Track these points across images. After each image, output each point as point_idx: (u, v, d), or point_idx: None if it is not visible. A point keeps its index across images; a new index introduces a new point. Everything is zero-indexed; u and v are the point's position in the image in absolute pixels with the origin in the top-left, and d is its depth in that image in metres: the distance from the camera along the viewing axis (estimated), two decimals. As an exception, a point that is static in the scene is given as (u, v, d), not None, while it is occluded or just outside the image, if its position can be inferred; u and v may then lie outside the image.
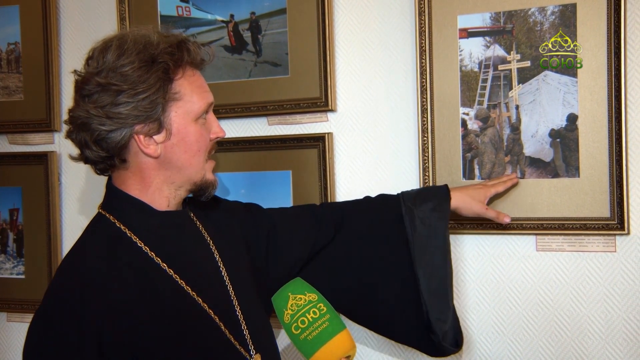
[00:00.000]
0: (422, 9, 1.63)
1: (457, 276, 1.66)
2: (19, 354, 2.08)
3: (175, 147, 1.15)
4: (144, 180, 1.17)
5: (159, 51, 1.11)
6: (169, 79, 1.13)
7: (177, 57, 1.14)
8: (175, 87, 1.14)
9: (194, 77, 1.18)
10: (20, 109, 2.03)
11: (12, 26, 2.04)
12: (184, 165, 1.17)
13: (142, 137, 1.13)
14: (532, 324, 1.61)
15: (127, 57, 1.10)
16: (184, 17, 1.86)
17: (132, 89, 1.09)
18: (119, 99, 1.09)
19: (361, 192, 1.74)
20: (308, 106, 1.74)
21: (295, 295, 1.25)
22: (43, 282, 2.01)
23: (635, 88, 1.51)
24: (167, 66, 1.12)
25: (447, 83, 1.63)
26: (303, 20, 1.74)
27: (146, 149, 1.14)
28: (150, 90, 1.09)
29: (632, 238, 1.52)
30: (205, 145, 1.20)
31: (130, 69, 1.09)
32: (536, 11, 1.56)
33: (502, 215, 1.50)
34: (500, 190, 1.53)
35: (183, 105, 1.14)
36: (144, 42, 1.12)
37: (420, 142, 1.65)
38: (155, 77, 1.10)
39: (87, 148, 1.16)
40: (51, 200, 2.00)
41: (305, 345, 1.21)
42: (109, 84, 1.09)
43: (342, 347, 1.21)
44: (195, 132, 1.17)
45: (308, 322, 1.21)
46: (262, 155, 1.81)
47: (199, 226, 1.31)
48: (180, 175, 1.18)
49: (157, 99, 1.10)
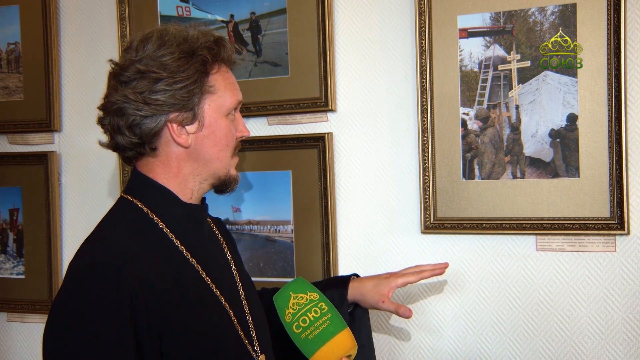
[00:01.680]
0: (422, 9, 1.63)
1: (457, 276, 1.66)
2: (19, 354, 2.08)
3: (206, 139, 1.18)
4: (172, 169, 1.19)
5: (199, 45, 1.15)
6: (206, 72, 1.16)
7: (215, 52, 1.17)
8: (211, 81, 1.17)
9: (228, 74, 1.22)
10: (20, 109, 2.03)
11: (12, 26, 2.04)
12: (212, 158, 1.19)
13: (176, 126, 1.15)
14: (532, 324, 1.61)
15: (167, 47, 1.13)
16: (184, 17, 1.86)
17: (171, 77, 1.12)
18: (157, 86, 1.12)
19: (361, 192, 1.74)
20: (308, 106, 1.74)
21: (297, 294, 1.25)
22: (43, 282, 2.01)
23: (635, 88, 1.51)
24: (206, 59, 1.15)
25: (447, 83, 1.63)
26: (303, 20, 1.74)
27: (178, 138, 1.16)
28: (188, 80, 1.13)
29: (632, 238, 1.52)
30: (233, 141, 1.22)
31: (170, 58, 1.12)
32: (536, 11, 1.56)
33: (402, 309, 1.39)
34: (413, 280, 1.43)
35: (217, 99, 1.18)
36: (184, 36, 1.16)
37: (420, 142, 1.65)
38: (193, 69, 1.14)
39: (119, 134, 1.17)
40: (51, 200, 2.00)
41: (306, 344, 1.21)
42: (149, 71, 1.12)
43: (343, 346, 1.21)
44: (225, 127, 1.20)
45: (309, 321, 1.21)
46: (262, 155, 1.81)
47: (212, 225, 1.35)
48: (207, 168, 1.20)
49: (194, 89, 1.14)
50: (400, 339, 1.71)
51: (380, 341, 1.72)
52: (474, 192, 1.62)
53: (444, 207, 1.65)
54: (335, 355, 1.20)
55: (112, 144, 1.20)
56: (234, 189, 1.27)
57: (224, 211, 1.84)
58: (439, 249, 1.68)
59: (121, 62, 1.17)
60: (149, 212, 1.18)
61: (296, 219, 1.78)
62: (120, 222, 1.17)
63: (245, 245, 1.83)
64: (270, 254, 1.80)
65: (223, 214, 1.84)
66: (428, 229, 1.66)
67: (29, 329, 2.07)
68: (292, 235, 1.79)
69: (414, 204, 1.69)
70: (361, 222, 1.74)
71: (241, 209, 1.84)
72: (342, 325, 1.23)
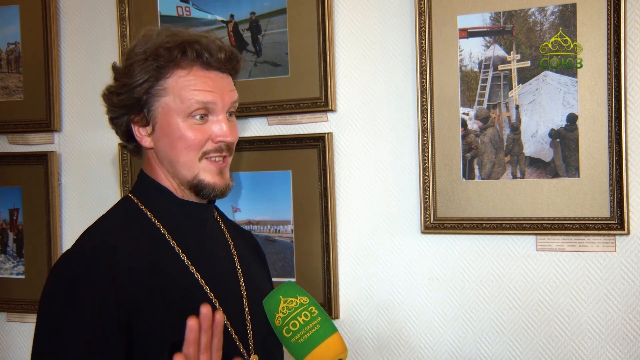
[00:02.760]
0: (422, 9, 1.63)
1: (457, 276, 1.66)
2: (19, 354, 2.08)
3: (161, 141, 1.19)
4: (155, 168, 1.23)
5: (157, 47, 1.16)
6: (160, 75, 1.17)
7: (174, 55, 1.16)
8: (164, 84, 1.17)
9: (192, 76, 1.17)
10: (20, 109, 2.03)
11: (12, 26, 2.04)
12: (173, 160, 1.19)
13: (137, 128, 1.20)
14: (532, 324, 1.61)
15: (137, 49, 1.17)
16: (184, 17, 1.86)
17: (126, 79, 1.16)
18: (117, 88, 1.18)
19: (361, 192, 1.74)
20: (308, 106, 1.74)
21: (287, 298, 1.24)
22: (43, 282, 1.97)
23: (635, 88, 1.51)
24: (160, 63, 1.16)
25: (447, 83, 1.63)
26: (303, 20, 1.74)
27: (140, 139, 1.20)
28: (136, 83, 1.15)
29: (632, 238, 1.52)
30: (196, 144, 1.18)
31: (133, 61, 1.16)
32: (536, 11, 1.56)
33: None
34: None
35: (169, 101, 1.17)
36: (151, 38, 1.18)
37: (420, 142, 1.65)
38: (146, 73, 1.15)
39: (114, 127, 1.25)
40: (51, 200, 2.00)
41: (296, 348, 1.21)
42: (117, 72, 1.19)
43: (334, 350, 1.20)
44: (182, 129, 1.17)
45: (299, 325, 1.20)
46: (262, 155, 1.80)
47: (222, 226, 1.34)
48: (174, 170, 1.21)
49: (143, 92, 1.16)
50: (400, 338, 1.71)
51: (381, 341, 1.72)
52: (474, 192, 1.62)
53: (444, 207, 1.65)
54: (325, 358, 1.20)
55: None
56: (212, 195, 1.21)
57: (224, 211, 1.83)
58: (439, 249, 1.68)
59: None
60: (144, 208, 1.20)
61: (296, 219, 1.78)
62: (111, 218, 1.21)
63: (245, 245, 1.83)
64: (270, 254, 1.80)
65: (223, 214, 1.84)
66: (428, 229, 1.66)
67: (28, 329, 2.07)
68: (292, 235, 1.79)
69: (414, 204, 1.69)
70: (361, 222, 1.74)
71: (241, 209, 1.84)
72: (333, 329, 1.22)
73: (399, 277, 1.71)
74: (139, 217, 1.20)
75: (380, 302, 1.72)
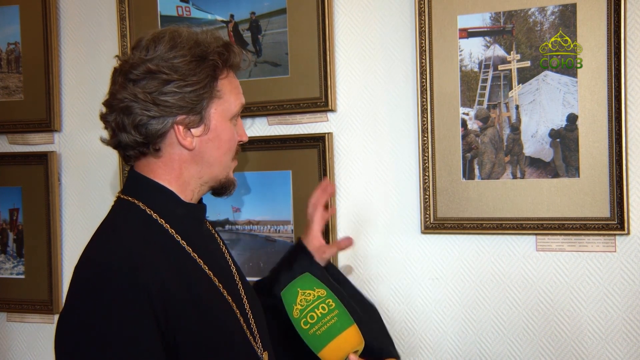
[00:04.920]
0: (422, 9, 1.63)
1: (457, 276, 1.66)
2: (19, 354, 2.08)
3: (210, 143, 1.19)
4: (174, 171, 1.19)
5: (211, 50, 1.16)
6: (216, 77, 1.17)
7: (226, 57, 1.18)
8: (219, 86, 1.18)
9: (234, 79, 1.23)
10: (20, 109, 2.03)
11: (12, 26, 2.04)
12: (214, 161, 1.20)
13: (182, 129, 1.15)
14: (532, 324, 1.61)
15: (179, 49, 1.14)
16: (184, 17, 1.86)
17: (182, 80, 1.12)
18: (168, 87, 1.12)
19: (361, 192, 1.74)
20: (308, 106, 1.74)
21: (304, 290, 1.27)
22: (43, 282, 2.01)
23: (635, 88, 1.51)
24: (216, 64, 1.16)
25: (447, 83, 1.63)
26: (303, 20, 1.74)
27: (184, 140, 1.16)
28: (198, 84, 1.13)
29: (632, 238, 1.52)
30: (234, 145, 1.23)
31: (182, 61, 1.13)
32: (536, 11, 1.56)
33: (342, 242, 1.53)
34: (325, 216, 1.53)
35: (223, 103, 1.19)
36: (196, 39, 1.16)
37: (420, 142, 1.65)
38: (204, 73, 1.14)
39: (124, 132, 1.15)
40: (51, 200, 2.00)
41: (314, 340, 1.23)
42: (160, 71, 1.11)
43: (351, 342, 1.23)
44: (229, 131, 1.21)
45: (317, 317, 1.23)
46: (262, 155, 1.81)
47: (209, 226, 1.35)
48: (208, 172, 1.21)
49: (203, 93, 1.14)
50: (400, 338, 1.71)
51: (380, 341, 1.72)
52: (474, 192, 1.62)
53: (444, 207, 1.65)
54: (342, 350, 1.22)
55: (114, 141, 1.18)
56: (232, 192, 1.27)
57: (224, 211, 1.85)
58: (439, 249, 1.68)
59: (130, 59, 1.15)
60: (153, 214, 1.17)
61: (296, 219, 1.78)
62: (124, 224, 1.16)
63: (245, 245, 1.83)
64: (270, 254, 1.80)
65: (223, 214, 1.84)
66: (428, 229, 1.66)
67: (28, 329, 2.07)
68: (292, 235, 1.79)
69: (414, 204, 1.69)
70: (361, 222, 1.74)
71: (241, 209, 1.84)
72: (350, 322, 1.24)
73: (399, 277, 1.71)
74: (150, 223, 1.16)
75: (380, 302, 1.72)
